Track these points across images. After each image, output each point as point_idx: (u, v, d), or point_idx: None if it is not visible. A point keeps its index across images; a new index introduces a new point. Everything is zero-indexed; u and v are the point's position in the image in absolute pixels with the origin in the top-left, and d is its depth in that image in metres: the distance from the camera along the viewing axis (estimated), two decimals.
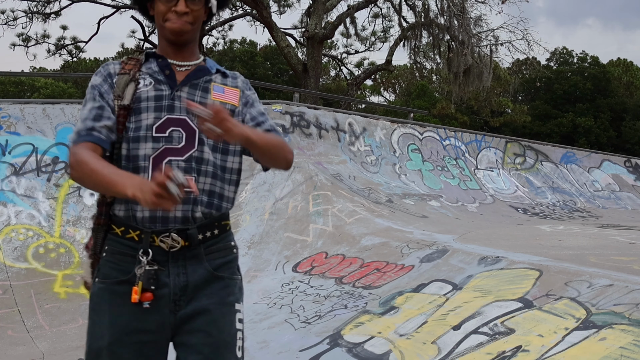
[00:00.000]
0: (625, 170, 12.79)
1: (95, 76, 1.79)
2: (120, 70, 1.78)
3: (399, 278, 4.50)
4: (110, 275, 1.69)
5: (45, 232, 5.93)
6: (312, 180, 7.08)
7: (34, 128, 6.68)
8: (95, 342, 1.68)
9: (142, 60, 1.82)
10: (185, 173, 1.67)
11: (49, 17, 16.94)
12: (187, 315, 1.69)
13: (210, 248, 1.75)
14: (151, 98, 1.74)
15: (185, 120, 1.73)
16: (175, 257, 1.69)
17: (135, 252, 1.67)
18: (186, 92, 1.77)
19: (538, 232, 6.17)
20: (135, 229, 1.68)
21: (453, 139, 10.95)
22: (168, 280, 1.68)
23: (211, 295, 1.72)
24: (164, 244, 1.67)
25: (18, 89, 31.39)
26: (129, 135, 1.71)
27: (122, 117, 1.72)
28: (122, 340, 1.65)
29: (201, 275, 1.71)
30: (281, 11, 19.40)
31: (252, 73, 27.99)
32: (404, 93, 33.78)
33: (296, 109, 9.21)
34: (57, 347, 4.57)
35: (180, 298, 1.69)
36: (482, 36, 15.06)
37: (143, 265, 1.64)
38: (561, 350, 2.66)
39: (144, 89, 1.75)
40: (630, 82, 33.65)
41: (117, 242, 1.71)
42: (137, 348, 1.66)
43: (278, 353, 3.78)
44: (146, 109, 1.73)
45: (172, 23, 1.72)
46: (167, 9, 1.71)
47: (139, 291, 1.62)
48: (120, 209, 1.71)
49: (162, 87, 1.76)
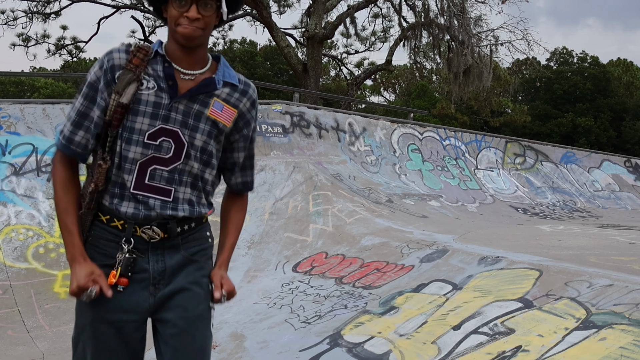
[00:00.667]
0: (625, 170, 12.79)
1: (96, 67, 1.81)
2: (127, 65, 1.78)
3: (399, 278, 4.50)
4: (95, 259, 1.81)
5: (45, 232, 5.93)
6: (312, 180, 7.08)
7: (34, 128, 6.68)
8: (80, 318, 1.83)
9: (151, 55, 1.81)
10: (167, 183, 1.80)
11: (49, 17, 16.94)
12: (166, 296, 1.83)
13: (187, 238, 1.88)
14: (150, 103, 1.78)
15: (177, 133, 1.79)
16: (154, 246, 1.83)
17: (118, 239, 1.80)
18: (184, 105, 1.81)
19: (538, 232, 6.17)
20: (119, 219, 1.80)
21: (453, 139, 10.95)
22: (148, 266, 1.82)
23: (187, 276, 1.86)
24: (145, 235, 1.80)
25: (18, 89, 31.39)
26: (124, 135, 1.78)
27: (118, 114, 1.76)
28: (103, 317, 1.78)
29: (178, 261, 1.86)
30: (281, 11, 19.40)
31: (252, 73, 27.99)
32: (404, 93, 33.79)
33: (296, 109, 9.21)
34: (57, 347, 4.57)
35: (159, 282, 1.83)
36: (482, 36, 15.06)
37: (124, 253, 1.78)
38: (561, 350, 2.66)
39: (145, 91, 1.78)
40: (630, 82, 33.65)
41: (102, 228, 1.83)
42: (118, 326, 1.79)
43: (278, 353, 3.78)
44: (143, 113, 1.77)
45: (184, 28, 1.75)
46: (180, 14, 1.74)
47: (117, 275, 1.77)
48: (106, 199, 1.82)
49: (163, 95, 1.79)
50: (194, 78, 1.83)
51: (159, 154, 1.79)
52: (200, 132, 1.82)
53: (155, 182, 1.79)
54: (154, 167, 1.79)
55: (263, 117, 8.66)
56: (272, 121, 8.71)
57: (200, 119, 1.82)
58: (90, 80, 1.81)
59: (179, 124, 1.79)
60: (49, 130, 6.73)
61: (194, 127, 1.81)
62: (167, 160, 1.80)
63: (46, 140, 6.64)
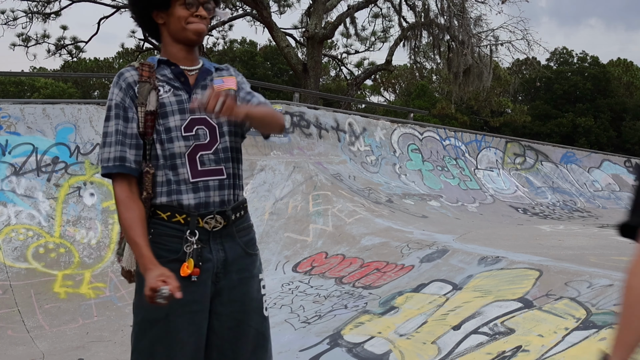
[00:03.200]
0: (625, 170, 12.79)
1: (115, 89, 1.96)
2: (140, 79, 1.96)
3: (399, 278, 4.50)
4: (161, 256, 1.88)
5: (45, 232, 5.93)
6: (312, 180, 7.09)
7: (34, 128, 6.68)
8: (150, 314, 1.87)
9: (155, 66, 2.00)
10: (215, 164, 1.95)
11: (49, 17, 16.93)
12: (226, 287, 1.95)
13: (239, 227, 2.02)
14: (173, 103, 1.95)
15: (205, 119, 1.96)
16: (214, 236, 1.95)
17: (181, 233, 1.91)
18: (200, 94, 1.95)
19: (538, 232, 6.17)
20: (181, 213, 1.92)
21: (453, 139, 10.95)
22: (211, 256, 1.93)
23: (244, 271, 2.00)
24: (207, 225, 1.93)
25: (18, 89, 31.38)
26: (161, 137, 1.93)
27: (149, 121, 1.93)
28: (177, 311, 1.85)
29: (237, 252, 1.99)
30: (281, 11, 19.39)
31: (252, 73, 27.98)
32: (404, 93, 33.78)
33: (296, 109, 9.21)
34: (57, 347, 4.57)
35: (220, 271, 1.95)
36: (482, 36, 15.05)
37: (192, 244, 1.89)
38: (561, 350, 2.66)
39: (164, 95, 1.95)
40: (630, 82, 33.65)
41: (163, 226, 1.93)
42: (190, 317, 1.89)
43: (278, 353, 3.78)
44: (171, 112, 1.94)
45: (196, 25, 1.94)
46: (190, 14, 1.93)
47: (191, 267, 1.87)
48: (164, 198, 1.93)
49: (180, 92, 1.97)
50: (195, 72, 2.04)
51: (199, 142, 1.94)
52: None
53: (207, 166, 1.94)
54: (200, 154, 1.94)
55: None
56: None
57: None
58: (116, 102, 1.95)
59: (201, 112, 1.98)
60: (49, 130, 6.72)
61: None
62: (207, 144, 1.95)
63: (46, 140, 6.64)
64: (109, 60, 30.95)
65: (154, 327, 1.88)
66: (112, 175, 1.93)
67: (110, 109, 1.94)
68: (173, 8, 1.94)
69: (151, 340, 1.88)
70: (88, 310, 5.30)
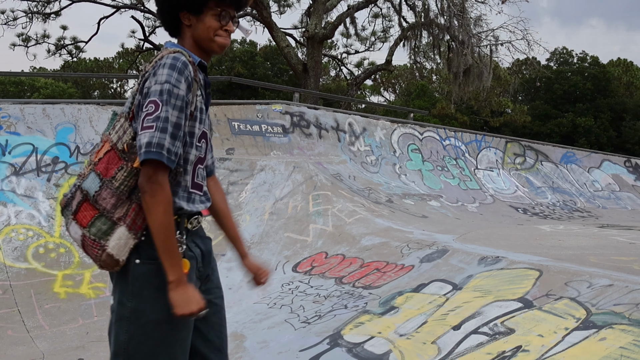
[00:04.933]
0: (625, 170, 12.79)
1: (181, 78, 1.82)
2: (194, 76, 1.89)
3: (399, 278, 4.50)
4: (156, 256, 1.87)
5: (45, 232, 5.93)
6: (312, 180, 7.08)
7: (34, 128, 6.68)
8: (153, 315, 1.87)
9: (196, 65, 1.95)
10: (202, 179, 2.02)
11: (49, 17, 16.94)
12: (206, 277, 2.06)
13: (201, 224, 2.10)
14: (201, 110, 1.96)
15: (206, 134, 2.02)
16: (190, 234, 1.99)
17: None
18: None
19: (538, 232, 6.17)
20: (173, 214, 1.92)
21: (453, 139, 10.95)
22: (192, 253, 1.98)
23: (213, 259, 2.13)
24: (190, 225, 1.97)
25: (18, 89, 31.38)
26: (186, 140, 1.90)
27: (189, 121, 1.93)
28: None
29: (208, 245, 2.07)
30: (281, 11, 19.41)
31: (252, 73, 27.98)
32: (404, 93, 33.79)
33: (296, 109, 9.21)
34: (57, 347, 4.57)
35: (201, 265, 2.02)
36: (482, 36, 15.05)
37: (182, 244, 1.91)
38: (561, 350, 2.66)
39: (199, 99, 1.95)
40: (630, 82, 33.65)
41: None
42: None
43: (278, 353, 3.78)
44: (198, 118, 1.94)
45: (224, 39, 1.95)
46: (220, 26, 1.93)
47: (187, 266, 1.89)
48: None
49: (204, 101, 1.99)
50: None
51: (200, 154, 1.99)
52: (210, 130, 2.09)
53: (199, 180, 2.00)
54: (198, 167, 1.99)
55: (263, 117, 8.66)
56: (272, 121, 8.71)
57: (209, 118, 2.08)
58: (180, 93, 1.81)
59: (208, 126, 2.03)
60: (49, 130, 6.72)
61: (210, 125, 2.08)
62: (203, 159, 2.02)
63: (46, 140, 6.64)
64: (109, 60, 30.95)
65: (158, 328, 1.86)
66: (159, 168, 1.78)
67: (177, 98, 1.80)
68: (205, 15, 1.91)
69: (155, 342, 1.86)
70: (88, 310, 5.30)
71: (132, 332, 1.87)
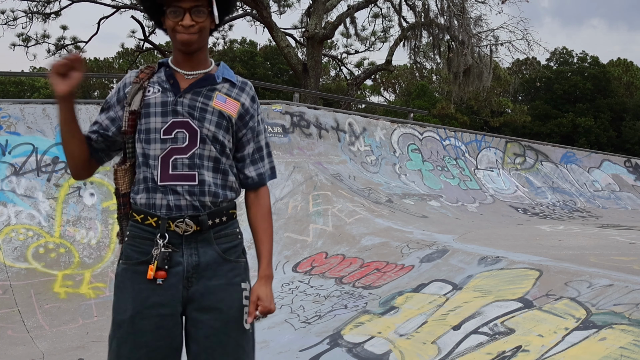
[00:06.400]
0: (625, 170, 12.78)
1: (117, 84, 2.09)
2: (134, 80, 2.01)
3: (399, 278, 4.50)
4: (132, 257, 1.93)
5: (45, 232, 5.93)
6: (312, 180, 7.08)
7: (34, 128, 6.68)
8: (119, 315, 1.91)
9: (155, 69, 2.04)
10: (189, 169, 1.92)
11: (49, 17, 16.93)
12: (199, 293, 1.92)
13: (219, 233, 1.98)
14: (158, 104, 1.96)
15: (188, 122, 1.94)
16: (188, 240, 1.92)
17: (153, 236, 1.91)
18: (189, 99, 1.97)
19: (538, 232, 6.17)
20: (153, 216, 1.92)
21: (453, 139, 10.95)
22: (182, 259, 1.91)
23: (220, 277, 1.95)
24: (178, 229, 1.91)
25: (18, 89, 31.39)
26: (141, 137, 1.95)
27: (131, 120, 1.96)
28: (142, 312, 1.88)
29: (211, 257, 1.95)
30: (281, 11, 19.37)
31: (252, 73, 27.98)
32: (404, 93, 33.78)
33: (296, 109, 9.21)
34: (57, 347, 4.57)
35: (192, 276, 1.92)
36: (482, 36, 15.04)
37: (159, 247, 1.88)
38: (561, 350, 2.66)
39: (151, 96, 1.97)
40: (630, 82, 33.64)
41: (137, 227, 1.95)
42: (157, 321, 1.88)
43: (278, 353, 3.78)
44: (154, 113, 1.95)
45: (181, 35, 1.92)
46: (175, 23, 1.91)
47: (154, 269, 1.87)
48: (141, 197, 1.95)
49: (168, 94, 1.97)
50: (196, 77, 2.01)
51: (175, 145, 1.93)
52: (208, 122, 1.95)
53: (178, 171, 1.92)
54: (174, 158, 1.92)
55: (263, 117, 8.64)
56: (272, 121, 8.71)
57: (206, 111, 1.96)
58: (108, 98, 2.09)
59: (188, 115, 1.95)
60: (49, 130, 6.72)
61: (201, 118, 1.95)
62: (184, 148, 1.93)
63: (46, 140, 6.64)
64: (109, 60, 30.96)
65: (120, 328, 1.91)
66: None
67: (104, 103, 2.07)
68: (166, 18, 1.94)
69: (118, 341, 1.91)
70: (88, 310, 5.30)
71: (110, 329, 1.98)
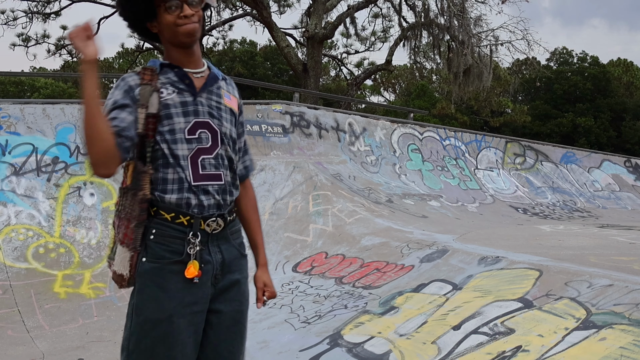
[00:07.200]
0: (625, 170, 12.78)
1: (116, 91, 1.95)
2: (141, 82, 1.96)
3: (399, 278, 4.50)
4: (164, 256, 1.92)
5: (45, 232, 5.93)
6: (312, 180, 7.09)
7: (34, 128, 6.68)
8: (154, 314, 1.89)
9: (157, 70, 2.00)
10: (215, 169, 1.98)
11: (49, 17, 16.94)
12: (224, 287, 2.01)
13: (232, 230, 2.07)
14: (177, 104, 1.96)
15: (208, 123, 1.99)
16: (212, 238, 1.98)
17: (183, 234, 1.92)
18: (205, 98, 2.01)
19: (538, 232, 6.17)
20: (185, 215, 1.93)
21: (453, 139, 10.95)
22: (210, 258, 1.97)
23: (240, 271, 2.08)
24: (208, 227, 1.96)
25: (18, 89, 31.37)
26: (166, 138, 1.93)
27: (151, 124, 1.92)
28: (180, 312, 1.90)
29: (232, 253, 2.04)
30: (281, 11, 19.39)
31: (252, 73, 27.97)
32: (404, 93, 33.78)
33: (296, 109, 9.21)
34: (57, 347, 4.57)
35: (219, 273, 1.99)
36: (482, 36, 15.05)
37: (195, 246, 1.92)
38: (561, 350, 2.66)
39: (167, 97, 1.96)
40: (630, 82, 33.64)
41: (165, 226, 1.93)
42: (190, 318, 1.92)
43: (278, 353, 3.78)
44: (176, 114, 1.95)
45: (186, 26, 1.94)
46: (175, 17, 1.93)
47: (196, 268, 1.90)
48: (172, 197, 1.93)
49: (185, 94, 1.98)
50: (202, 75, 2.04)
51: (201, 145, 1.96)
52: (225, 120, 2.03)
53: (207, 171, 1.96)
54: (202, 158, 1.96)
55: (263, 117, 8.66)
56: (272, 121, 8.71)
57: (221, 109, 2.03)
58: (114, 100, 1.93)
59: (207, 115, 1.99)
60: (49, 130, 6.72)
61: (219, 117, 2.02)
62: (209, 148, 1.98)
63: (46, 140, 6.64)
64: (109, 60, 30.94)
65: (156, 327, 1.88)
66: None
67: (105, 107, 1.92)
68: (160, 16, 1.95)
69: (153, 341, 1.88)
70: (88, 310, 5.30)
71: (132, 328, 1.93)
